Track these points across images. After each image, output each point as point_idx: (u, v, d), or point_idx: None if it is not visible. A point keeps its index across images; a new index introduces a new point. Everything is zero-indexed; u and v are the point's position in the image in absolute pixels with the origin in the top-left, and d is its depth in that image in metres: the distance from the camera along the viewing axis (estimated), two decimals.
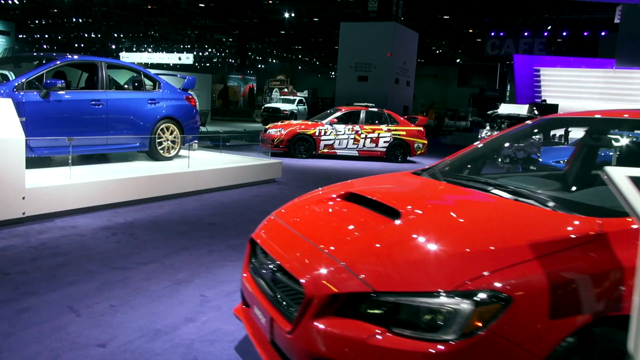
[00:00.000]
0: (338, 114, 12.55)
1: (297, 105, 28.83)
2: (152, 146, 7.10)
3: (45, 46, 45.52)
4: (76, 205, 5.20)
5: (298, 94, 36.32)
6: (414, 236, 1.86)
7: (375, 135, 12.45)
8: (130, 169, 6.47)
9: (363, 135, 12.38)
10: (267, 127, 12.70)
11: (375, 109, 13.04)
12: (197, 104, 8.08)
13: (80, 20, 37.34)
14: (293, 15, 34.22)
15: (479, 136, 5.74)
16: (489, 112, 8.83)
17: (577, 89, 30.10)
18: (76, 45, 46.00)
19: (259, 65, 59.88)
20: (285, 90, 38.60)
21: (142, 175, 5.91)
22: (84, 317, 2.88)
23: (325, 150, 12.23)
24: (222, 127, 19.85)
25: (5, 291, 3.17)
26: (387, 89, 23.29)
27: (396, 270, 1.65)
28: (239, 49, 42.79)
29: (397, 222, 1.94)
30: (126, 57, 41.11)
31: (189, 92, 7.90)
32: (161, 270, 3.75)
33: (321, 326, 1.65)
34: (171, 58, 41.45)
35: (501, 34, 37.10)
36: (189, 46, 47.33)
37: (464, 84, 28.93)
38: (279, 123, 12.93)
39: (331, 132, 12.21)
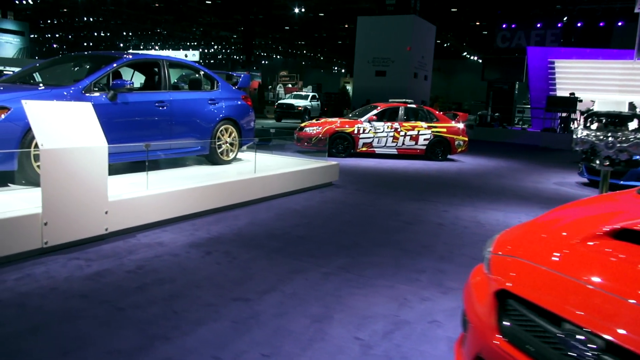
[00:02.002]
0: (376, 111, 12.07)
1: (310, 101, 28.29)
2: (212, 149, 6.62)
3: (55, 45, 45.05)
4: (156, 218, 4.73)
5: (303, 89, 35.78)
6: None
7: (415, 132, 11.98)
8: (196, 176, 5.98)
9: (402, 133, 11.90)
10: (302, 125, 12.23)
11: (414, 105, 12.57)
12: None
13: (91, 20, 36.79)
14: (298, 11, 33.62)
15: (574, 137, 5.25)
16: (582, 110, 8.33)
17: (593, 81, 29.63)
18: (85, 44, 45.48)
19: (263, 62, 59.28)
20: (289, 86, 38.03)
21: (218, 183, 5.43)
22: None
23: (364, 149, 11.76)
24: None
25: (132, 335, 2.69)
26: (406, 83, 22.79)
27: None
28: (244, 45, 42.21)
29: None
30: None
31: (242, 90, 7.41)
32: (287, 301, 3.27)
33: None
34: (178, 55, 40.97)
35: (513, 25, 36.57)
36: (195, 43, 46.77)
37: (488, 77, 28.30)
38: (315, 121, 12.44)
39: (370, 129, 11.73)
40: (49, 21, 39.80)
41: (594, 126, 5.76)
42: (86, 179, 3.98)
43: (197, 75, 6.73)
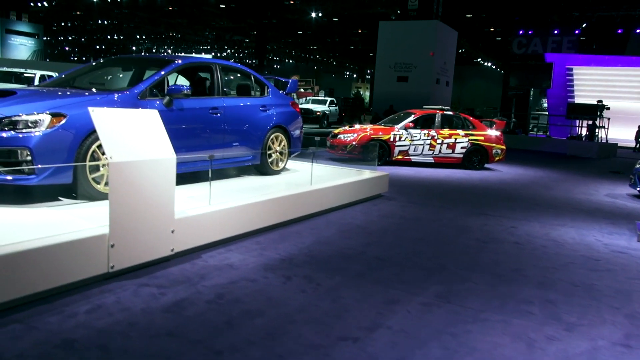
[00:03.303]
0: (412, 117, 11.63)
1: (328, 106, 27.87)
2: (263, 159, 6.21)
3: (67, 48, 44.99)
4: (221, 235, 4.32)
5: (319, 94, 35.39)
6: None
7: (452, 140, 11.53)
8: (248, 188, 5.57)
9: (439, 141, 11.46)
10: (335, 131, 11.82)
11: (451, 112, 12.14)
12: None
13: (105, 22, 36.68)
14: (315, 15, 33.34)
15: None
16: None
17: (613, 88, 29.15)
18: (98, 46, 45.41)
19: (275, 66, 59.09)
20: (302, 90, 37.62)
21: (280, 196, 5.00)
22: None
23: (400, 157, 11.32)
24: None
25: None
26: (429, 89, 22.37)
27: None
28: (257, 49, 42.00)
29: None
30: None
31: (291, 96, 7.01)
32: (400, 341, 2.84)
33: None
34: None
35: (530, 32, 36.15)
36: (207, 47, 46.58)
37: (514, 84, 27.68)
38: (348, 127, 12.03)
39: (406, 137, 11.30)
40: (62, 24, 39.72)
41: None
42: (154, 195, 3.58)
43: (246, 80, 6.32)
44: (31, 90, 4.46)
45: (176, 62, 5.21)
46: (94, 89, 4.77)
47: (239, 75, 6.62)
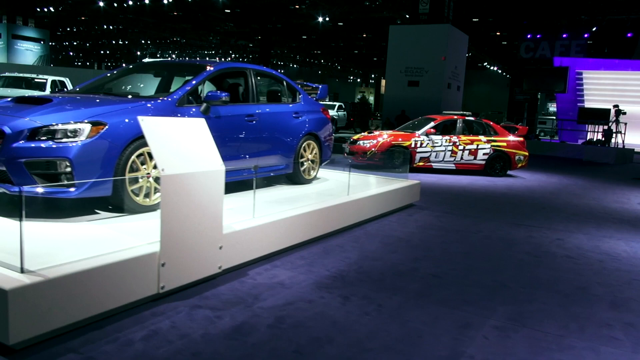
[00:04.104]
0: (433, 123, 11.38)
1: (337, 111, 27.65)
2: (295, 167, 5.96)
3: (71, 53, 44.89)
4: (265, 251, 4.08)
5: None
6: None
7: (474, 146, 11.27)
8: (282, 199, 5.32)
9: (461, 147, 11.20)
10: (354, 137, 11.58)
11: (472, 118, 11.89)
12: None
13: (111, 27, 36.56)
14: (320, 20, 33.18)
15: None
16: None
17: (624, 92, 28.87)
18: (102, 52, 45.30)
19: (279, 70, 58.97)
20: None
21: (322, 207, 4.76)
22: None
23: (421, 164, 11.07)
24: None
25: None
26: (440, 94, 22.13)
27: None
28: (261, 54, 41.86)
29: None
30: None
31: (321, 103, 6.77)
32: None
33: None
34: None
35: (538, 36, 35.97)
36: (212, 52, 46.44)
37: (527, 88, 27.39)
38: (367, 134, 11.79)
39: (427, 143, 11.05)
40: (68, 29, 39.63)
41: None
42: (204, 210, 3.33)
43: (279, 86, 6.09)
44: (67, 97, 4.21)
45: (211, 67, 4.97)
46: (129, 96, 4.53)
47: (267, 80, 6.37)
